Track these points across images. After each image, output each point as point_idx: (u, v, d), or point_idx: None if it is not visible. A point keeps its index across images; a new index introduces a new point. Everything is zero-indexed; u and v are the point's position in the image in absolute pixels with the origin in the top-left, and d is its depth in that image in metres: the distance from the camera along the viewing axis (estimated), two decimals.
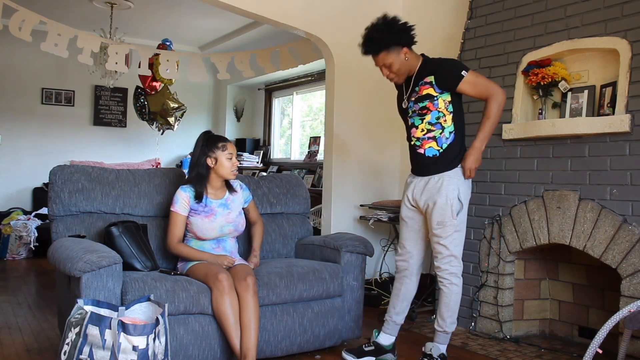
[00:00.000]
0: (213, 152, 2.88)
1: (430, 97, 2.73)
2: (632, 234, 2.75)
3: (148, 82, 6.30)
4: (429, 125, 2.76)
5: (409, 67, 2.79)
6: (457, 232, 2.75)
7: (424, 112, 2.76)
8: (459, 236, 2.77)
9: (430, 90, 2.73)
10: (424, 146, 2.79)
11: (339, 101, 4.41)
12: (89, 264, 2.35)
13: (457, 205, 2.72)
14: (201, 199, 2.88)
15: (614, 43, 2.92)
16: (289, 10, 4.21)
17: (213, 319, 2.64)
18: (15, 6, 4.37)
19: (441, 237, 2.74)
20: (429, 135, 2.77)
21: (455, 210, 2.72)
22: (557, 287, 3.48)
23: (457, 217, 2.73)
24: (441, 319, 2.80)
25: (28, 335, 3.28)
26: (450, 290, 2.77)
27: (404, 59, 2.76)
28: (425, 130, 2.78)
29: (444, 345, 2.83)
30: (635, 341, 2.68)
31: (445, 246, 2.74)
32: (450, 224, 2.72)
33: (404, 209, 2.92)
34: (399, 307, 2.95)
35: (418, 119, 2.79)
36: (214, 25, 6.58)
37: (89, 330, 2.11)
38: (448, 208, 2.71)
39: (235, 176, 2.95)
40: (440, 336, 2.82)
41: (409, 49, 2.77)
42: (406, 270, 2.94)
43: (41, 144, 6.95)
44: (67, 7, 5.89)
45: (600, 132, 2.89)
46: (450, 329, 2.81)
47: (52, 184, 2.92)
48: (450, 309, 2.78)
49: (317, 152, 6.37)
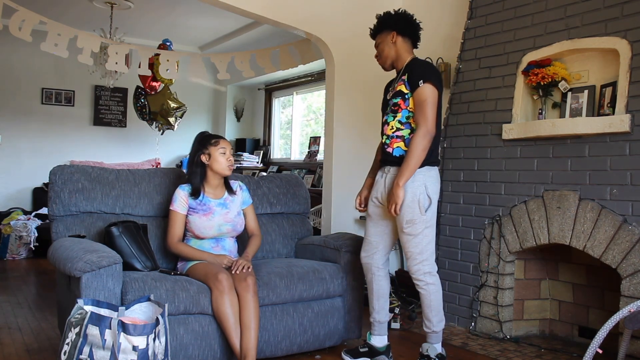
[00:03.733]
0: (206, 149, 2.90)
1: (402, 94, 2.75)
2: (632, 234, 2.75)
3: (148, 82, 6.30)
4: (398, 123, 2.76)
5: (395, 55, 2.83)
6: (428, 229, 2.71)
7: (396, 109, 2.77)
8: (430, 232, 2.73)
9: (402, 87, 2.75)
10: (392, 145, 2.78)
11: (339, 101, 4.41)
12: (89, 264, 2.35)
13: (425, 201, 2.68)
14: (198, 195, 2.88)
15: (614, 43, 2.92)
16: (289, 10, 4.22)
17: (213, 319, 2.64)
18: (15, 6, 4.37)
19: (412, 234, 2.70)
20: (397, 134, 2.76)
21: (424, 206, 2.68)
22: (557, 287, 3.48)
23: (426, 213, 2.69)
24: (427, 320, 2.78)
25: (28, 335, 3.28)
26: (428, 290, 2.74)
27: (391, 41, 2.81)
28: (394, 129, 2.77)
29: (438, 343, 2.81)
30: (635, 341, 2.68)
31: (416, 245, 2.70)
32: (419, 221, 2.68)
33: (371, 206, 2.90)
34: (377, 305, 2.93)
35: (391, 115, 2.80)
36: (214, 25, 6.58)
37: (89, 330, 2.11)
38: (415, 205, 2.67)
39: (231, 171, 2.95)
40: (431, 336, 2.80)
41: (400, 35, 2.81)
42: (372, 266, 2.91)
43: (41, 144, 6.95)
44: (67, 7, 5.89)
45: (600, 132, 2.89)
46: (439, 328, 2.78)
47: (52, 184, 2.92)
48: (433, 308, 2.75)
49: (317, 152, 6.37)
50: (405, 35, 2.82)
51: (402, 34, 2.81)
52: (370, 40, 2.95)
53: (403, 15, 2.84)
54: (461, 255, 3.63)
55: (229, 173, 2.95)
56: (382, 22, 2.86)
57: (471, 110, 3.66)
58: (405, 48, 2.83)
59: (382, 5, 4.37)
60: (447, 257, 3.72)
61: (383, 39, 2.84)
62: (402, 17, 2.84)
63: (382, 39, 2.84)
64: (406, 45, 2.83)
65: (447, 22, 4.24)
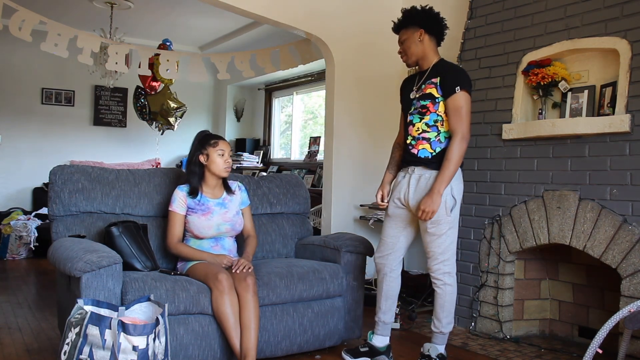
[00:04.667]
0: (205, 149, 2.90)
1: (432, 97, 2.73)
2: (632, 234, 2.75)
3: (148, 82, 6.30)
4: (425, 126, 2.75)
5: (420, 53, 2.79)
6: (452, 229, 2.72)
7: (424, 112, 2.75)
8: (453, 233, 2.74)
9: (434, 91, 2.73)
10: (418, 147, 2.77)
11: (339, 101, 4.41)
12: (89, 264, 2.35)
13: (450, 201, 2.69)
14: (196, 194, 2.88)
15: (614, 43, 2.92)
16: (289, 10, 4.22)
17: (213, 319, 2.64)
18: (15, 6, 4.37)
19: (435, 235, 2.70)
20: (423, 136, 2.76)
21: (449, 206, 2.68)
22: (557, 287, 3.48)
23: (451, 213, 2.70)
24: (437, 320, 2.78)
25: (28, 335, 3.28)
26: (444, 290, 2.74)
27: (418, 39, 2.77)
28: (420, 130, 2.76)
29: (442, 345, 2.82)
30: (635, 341, 2.68)
31: (439, 245, 2.71)
32: (444, 221, 2.69)
33: (391, 207, 2.89)
34: (384, 306, 2.92)
35: (417, 117, 2.78)
36: (214, 25, 6.58)
37: (89, 330, 2.11)
38: (442, 205, 2.67)
39: (228, 174, 2.95)
40: (437, 337, 2.81)
41: (427, 34, 2.77)
42: (385, 267, 2.90)
43: (41, 144, 6.95)
44: (67, 7, 5.89)
45: (600, 132, 2.89)
46: (447, 330, 2.79)
47: (52, 184, 2.92)
48: (445, 309, 2.76)
49: (317, 152, 6.37)
50: (432, 34, 2.79)
51: (429, 32, 2.77)
52: (370, 40, 2.95)
53: (431, 12, 2.79)
54: (461, 255, 3.62)
55: (225, 175, 2.94)
56: (409, 17, 2.78)
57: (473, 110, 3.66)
58: (432, 47, 2.79)
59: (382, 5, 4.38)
60: None
61: (409, 35, 2.78)
62: (431, 15, 2.78)
63: (408, 35, 2.78)
64: (432, 44, 2.80)
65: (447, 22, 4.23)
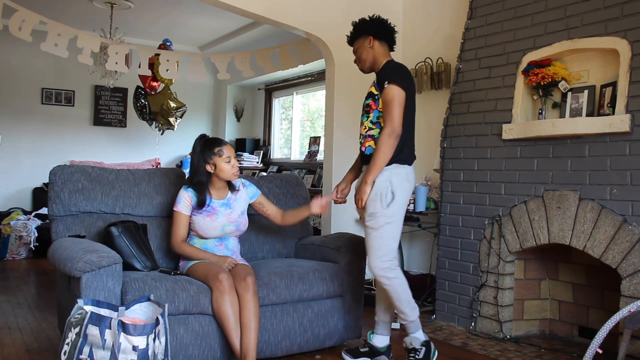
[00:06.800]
0: (211, 159, 2.86)
1: (372, 95, 2.80)
2: (632, 234, 2.75)
3: (148, 82, 6.30)
4: (370, 123, 2.80)
5: (372, 59, 2.87)
6: (389, 225, 2.69)
7: (368, 110, 2.83)
8: (391, 229, 2.70)
9: (373, 89, 2.82)
10: (365, 144, 2.83)
11: (339, 101, 4.41)
12: (89, 264, 2.35)
13: (387, 195, 2.68)
14: (203, 205, 2.88)
15: (614, 43, 2.92)
16: (289, 10, 4.22)
17: (213, 319, 2.64)
18: (15, 6, 4.37)
19: (372, 228, 2.69)
20: (369, 134, 2.80)
21: (386, 200, 2.67)
22: (557, 287, 3.48)
23: (389, 208, 2.68)
24: (401, 313, 2.76)
25: (28, 335, 3.28)
26: (392, 284, 2.70)
27: (368, 46, 2.86)
28: (367, 128, 2.82)
29: (419, 331, 2.79)
30: (635, 341, 2.68)
31: (375, 239, 2.69)
32: (380, 215, 2.67)
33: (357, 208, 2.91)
34: (383, 305, 2.92)
35: (364, 116, 2.86)
36: (214, 25, 6.58)
37: (89, 330, 2.11)
38: (377, 198, 2.68)
39: (237, 177, 2.95)
40: (410, 327, 2.78)
41: (376, 40, 2.85)
42: None
43: (41, 144, 6.95)
44: (67, 7, 5.90)
45: (600, 132, 2.89)
46: (415, 316, 2.76)
47: (52, 184, 2.92)
48: (403, 301, 2.73)
49: (317, 152, 6.37)
50: (382, 39, 2.87)
51: (378, 38, 2.86)
52: None
53: (378, 20, 2.89)
54: (461, 255, 3.63)
55: (235, 178, 2.95)
56: (358, 28, 2.91)
57: (471, 110, 3.66)
58: (382, 52, 2.87)
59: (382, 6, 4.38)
60: (447, 257, 3.72)
61: (360, 44, 2.89)
62: (378, 22, 2.89)
63: (360, 44, 2.90)
64: (382, 49, 2.87)
65: (447, 22, 4.25)
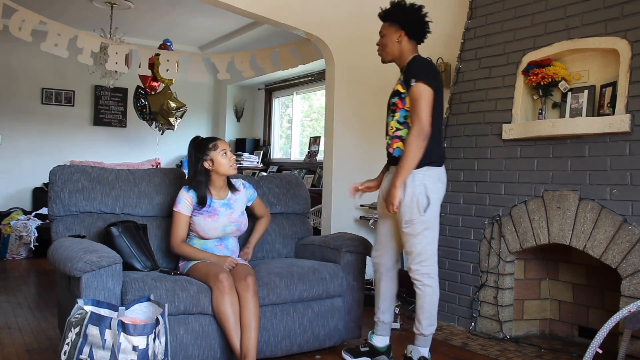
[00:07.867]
0: (207, 155, 2.87)
1: (399, 93, 2.73)
2: (632, 234, 2.75)
3: (148, 82, 6.30)
4: (397, 123, 2.74)
5: (396, 53, 2.77)
6: (428, 230, 2.67)
7: (394, 109, 2.76)
8: (430, 234, 2.69)
9: (399, 87, 2.73)
10: (393, 146, 2.77)
11: (339, 101, 4.40)
12: (89, 264, 2.35)
13: (423, 201, 2.64)
14: (204, 205, 2.88)
15: (614, 43, 2.92)
16: (289, 10, 4.21)
17: (213, 319, 2.64)
18: (15, 6, 4.37)
19: (410, 235, 2.67)
20: (396, 134, 2.75)
21: (422, 206, 2.64)
22: (557, 287, 3.48)
23: (426, 213, 2.65)
24: (417, 321, 2.73)
25: (28, 335, 3.28)
26: (424, 291, 2.69)
27: (395, 40, 2.75)
28: (394, 129, 2.76)
29: (425, 348, 2.75)
30: (635, 341, 2.68)
31: (415, 245, 2.67)
32: (418, 221, 2.65)
33: (379, 206, 2.90)
34: (383, 306, 2.91)
35: (390, 116, 2.79)
36: (214, 25, 6.58)
37: (89, 330, 2.11)
38: (414, 205, 2.64)
39: (235, 171, 2.95)
40: (418, 339, 2.75)
41: (407, 36, 2.74)
42: (381, 266, 2.90)
43: (41, 144, 6.95)
44: (67, 7, 5.90)
45: (600, 132, 2.89)
46: (428, 332, 2.73)
47: (52, 184, 2.92)
48: (425, 310, 2.70)
49: (317, 152, 6.37)
50: (412, 37, 2.76)
51: (409, 35, 2.75)
52: (370, 40, 2.94)
53: (416, 15, 2.74)
54: (461, 255, 3.63)
55: (234, 172, 2.95)
56: (393, 14, 2.76)
57: (471, 110, 3.66)
58: (409, 48, 2.77)
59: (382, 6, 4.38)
60: (447, 257, 3.72)
61: (389, 32, 2.76)
62: (415, 18, 2.74)
63: (388, 32, 2.77)
64: (410, 45, 2.77)
65: (447, 22, 4.24)
